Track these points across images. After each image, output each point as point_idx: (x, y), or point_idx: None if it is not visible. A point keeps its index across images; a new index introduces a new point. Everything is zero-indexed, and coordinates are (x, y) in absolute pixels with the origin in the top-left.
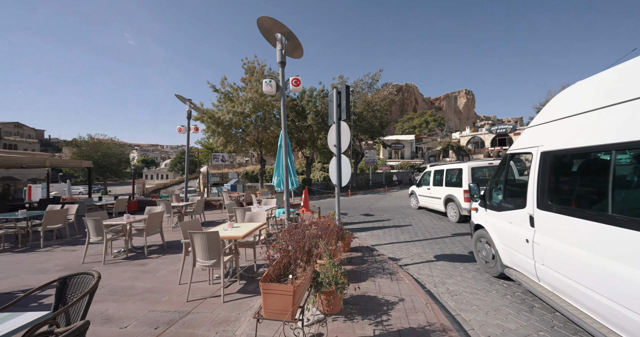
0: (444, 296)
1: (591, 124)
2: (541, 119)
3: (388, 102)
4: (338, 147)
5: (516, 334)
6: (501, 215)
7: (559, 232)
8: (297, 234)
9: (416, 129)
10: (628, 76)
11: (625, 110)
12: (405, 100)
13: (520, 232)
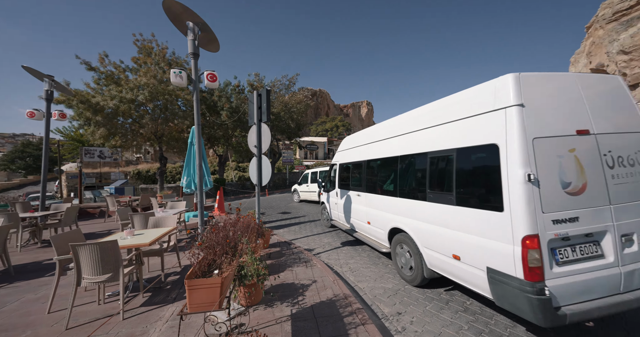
0: (347, 273)
1: (352, 153)
2: (339, 149)
3: (304, 105)
4: (259, 148)
5: (392, 290)
6: (329, 194)
7: (343, 196)
8: (224, 230)
9: (328, 132)
10: (357, 136)
11: (359, 148)
12: (319, 105)
13: (335, 200)
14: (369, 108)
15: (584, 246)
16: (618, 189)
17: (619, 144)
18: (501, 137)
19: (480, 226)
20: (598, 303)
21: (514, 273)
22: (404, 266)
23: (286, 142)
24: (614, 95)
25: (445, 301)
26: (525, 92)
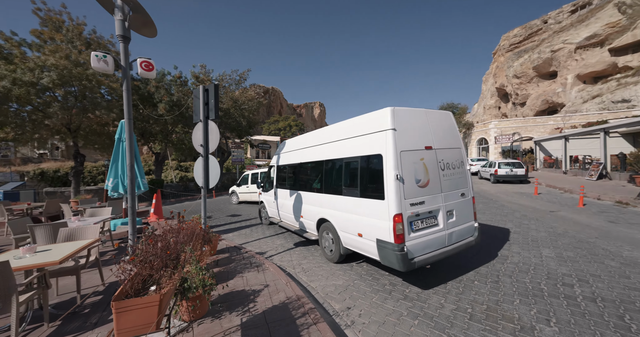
0: (300, 274)
1: (288, 156)
2: (277, 152)
3: (256, 102)
4: (205, 148)
5: (342, 286)
6: (267, 194)
7: (282, 195)
8: (164, 240)
9: (281, 131)
10: (293, 141)
11: (294, 152)
12: (272, 103)
13: (273, 199)
14: (322, 109)
15: (428, 219)
16: (445, 183)
17: (447, 155)
18: (383, 149)
19: (372, 210)
20: (434, 254)
21: (389, 239)
22: (327, 248)
23: (236, 141)
24: (446, 124)
25: (388, 291)
26: (396, 120)
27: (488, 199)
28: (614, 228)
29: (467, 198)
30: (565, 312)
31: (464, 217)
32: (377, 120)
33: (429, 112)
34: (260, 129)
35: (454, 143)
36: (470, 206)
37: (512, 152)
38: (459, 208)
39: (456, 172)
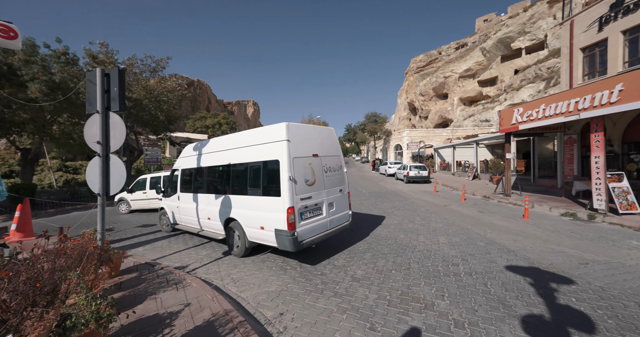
0: (229, 285)
1: (194, 160)
2: (181, 156)
3: (178, 95)
4: (104, 145)
5: (275, 292)
6: (170, 199)
7: (187, 199)
8: (31, 269)
9: (209, 129)
10: (199, 146)
11: (200, 156)
12: (197, 97)
13: (176, 203)
14: (256, 108)
15: (314, 210)
16: (328, 182)
17: (329, 161)
18: (280, 156)
19: (272, 205)
20: (318, 236)
21: (284, 227)
22: (234, 244)
23: (151, 137)
24: (330, 137)
25: (320, 290)
26: (290, 133)
27: (403, 197)
28: (482, 216)
29: (344, 193)
30: (453, 286)
31: (341, 207)
32: (276, 132)
33: (316, 127)
34: (184, 125)
35: (335, 152)
36: (346, 199)
37: (419, 157)
38: (337, 201)
39: (336, 173)
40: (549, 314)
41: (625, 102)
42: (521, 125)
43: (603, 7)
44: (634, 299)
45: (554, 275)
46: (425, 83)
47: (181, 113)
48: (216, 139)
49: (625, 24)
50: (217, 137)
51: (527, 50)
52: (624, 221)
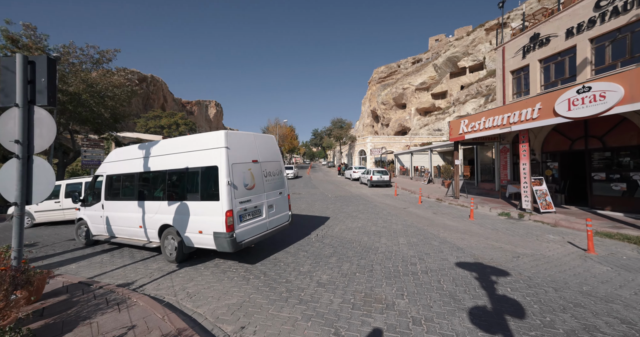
0: (184, 301)
1: (123, 165)
2: (105, 161)
3: (127, 91)
4: (25, 146)
5: (237, 304)
6: (92, 208)
7: (112, 208)
8: None
9: (165, 130)
10: (129, 150)
11: (131, 161)
12: (151, 94)
13: (99, 213)
14: (219, 109)
15: (254, 212)
16: (268, 185)
17: (269, 166)
18: (219, 162)
19: (211, 210)
20: (258, 236)
21: (223, 230)
22: (169, 251)
23: (92, 137)
24: (270, 145)
25: (285, 298)
26: (229, 141)
27: (366, 200)
28: (436, 217)
29: (283, 195)
30: (412, 285)
31: (281, 209)
32: (215, 140)
33: (257, 135)
34: (134, 125)
35: (275, 158)
36: (286, 201)
37: (381, 162)
38: (277, 203)
39: (276, 178)
40: (490, 304)
41: (543, 119)
42: (467, 135)
43: (525, 38)
44: (552, 285)
45: (494, 269)
46: (386, 93)
47: (131, 111)
48: (148, 144)
49: (541, 54)
50: (151, 142)
51: (470, 69)
52: (544, 218)
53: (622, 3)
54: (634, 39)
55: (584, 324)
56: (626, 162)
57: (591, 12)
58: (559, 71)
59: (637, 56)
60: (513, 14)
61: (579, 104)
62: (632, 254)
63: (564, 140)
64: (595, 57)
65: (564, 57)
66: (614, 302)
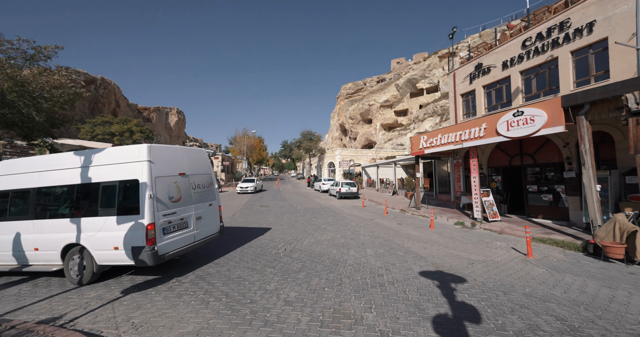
0: (128, 334)
1: (12, 180)
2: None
3: (69, 93)
4: None
5: (193, 332)
6: None
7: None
8: None
9: (116, 138)
10: (22, 162)
11: (26, 175)
12: (100, 98)
13: None
14: (181, 117)
15: (180, 224)
16: (196, 197)
17: (198, 179)
18: (140, 175)
19: (129, 224)
20: (184, 247)
21: (143, 244)
22: (74, 272)
23: (18, 143)
24: (200, 158)
25: (249, 321)
26: (153, 154)
27: (335, 212)
28: (400, 228)
29: (214, 207)
30: (379, 297)
31: (211, 220)
32: (137, 153)
33: (185, 149)
34: (76, 131)
35: (205, 170)
36: (216, 212)
37: (349, 174)
38: (207, 214)
39: (206, 190)
40: (451, 311)
41: (488, 137)
42: (426, 150)
43: (471, 66)
44: (501, 289)
45: (453, 276)
46: (353, 108)
47: (74, 115)
48: (53, 155)
49: (484, 81)
50: (51, 154)
51: (427, 90)
52: (492, 226)
53: (541, 44)
54: (551, 74)
55: (528, 324)
56: (551, 177)
57: (519, 49)
58: (499, 96)
59: (555, 88)
60: (461, 45)
61: (515, 126)
62: (560, 257)
63: (505, 157)
64: (525, 87)
65: (502, 84)
66: (550, 301)
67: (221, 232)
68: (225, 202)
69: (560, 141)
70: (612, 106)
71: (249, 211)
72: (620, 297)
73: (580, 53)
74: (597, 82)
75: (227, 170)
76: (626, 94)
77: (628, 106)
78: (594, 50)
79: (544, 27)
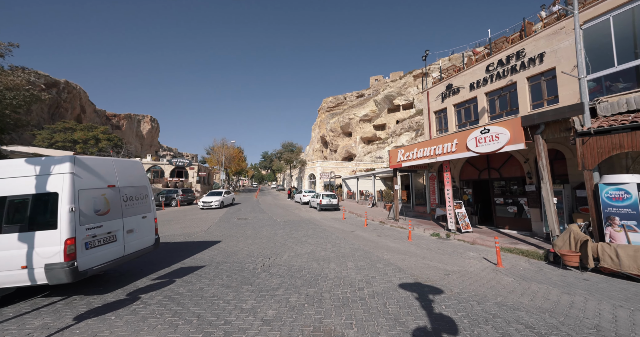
0: None
1: None
2: None
3: (25, 96)
4: None
5: None
6: None
7: None
8: None
9: (78, 145)
10: None
11: None
12: (63, 102)
13: None
14: (154, 126)
15: (107, 238)
16: (128, 210)
17: (131, 191)
18: (60, 188)
19: (43, 240)
20: (111, 262)
21: (60, 260)
22: None
23: None
24: (135, 169)
25: None
26: (77, 167)
27: (316, 225)
28: (380, 240)
29: (148, 219)
30: (360, 311)
31: (144, 233)
32: (57, 165)
33: (117, 160)
34: (31, 137)
35: (139, 182)
36: (151, 224)
37: (330, 186)
38: (140, 227)
39: (140, 202)
40: (430, 324)
41: (459, 152)
42: (403, 163)
43: (442, 86)
44: (476, 299)
45: (431, 287)
46: (334, 121)
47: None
48: None
49: (454, 100)
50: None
51: (403, 107)
52: (465, 237)
53: (502, 70)
54: (511, 96)
55: (501, 333)
56: (515, 190)
57: (484, 73)
58: (467, 115)
59: (515, 109)
60: (433, 66)
61: (482, 142)
62: (526, 266)
63: (474, 171)
64: (490, 107)
65: (470, 104)
66: (519, 310)
67: (156, 245)
68: (200, 215)
69: (521, 157)
70: (562, 127)
71: (226, 224)
72: (578, 302)
73: (534, 79)
74: (549, 106)
75: (204, 181)
76: (573, 117)
77: (575, 128)
78: (545, 77)
79: (504, 54)
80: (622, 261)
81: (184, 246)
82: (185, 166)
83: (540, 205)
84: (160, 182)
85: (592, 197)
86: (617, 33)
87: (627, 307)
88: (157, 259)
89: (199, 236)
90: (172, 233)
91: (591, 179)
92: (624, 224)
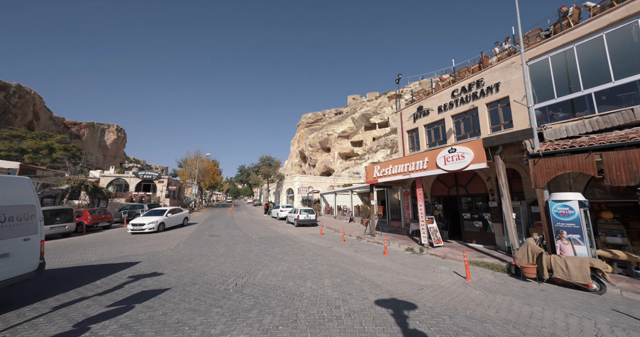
0: None
1: None
2: None
3: None
4: None
5: None
6: None
7: None
8: None
9: (27, 155)
10: None
11: None
12: (12, 108)
13: None
14: (120, 136)
15: None
16: (4, 231)
17: (10, 211)
18: None
19: None
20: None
21: None
22: None
23: None
24: (15, 186)
25: None
26: None
27: (293, 241)
28: (356, 255)
29: (32, 242)
30: (335, 332)
31: (24, 257)
32: None
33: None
34: None
35: (22, 201)
36: (36, 248)
37: (308, 201)
38: (19, 251)
39: (21, 223)
40: None
41: (430, 170)
42: (379, 179)
43: (414, 108)
44: (447, 313)
45: (405, 303)
46: (313, 137)
47: None
48: None
49: (425, 121)
50: None
51: (379, 125)
52: (437, 251)
53: (465, 96)
54: (474, 119)
55: None
56: (480, 206)
57: (450, 97)
58: (437, 135)
59: (477, 131)
60: (405, 89)
61: (450, 161)
62: (491, 278)
63: (444, 187)
64: (456, 128)
65: (438, 125)
66: (486, 322)
67: (40, 270)
68: (168, 232)
69: (484, 175)
70: (517, 149)
71: (196, 241)
72: (537, 312)
73: (492, 105)
74: (505, 129)
75: (173, 195)
76: (525, 140)
77: (527, 150)
78: (501, 104)
79: (466, 82)
80: (571, 272)
81: (146, 267)
82: (153, 179)
83: (502, 220)
84: (124, 197)
85: (544, 212)
86: (555, 70)
87: (576, 315)
88: (110, 282)
89: (164, 255)
90: (133, 252)
91: (542, 196)
92: (570, 238)
